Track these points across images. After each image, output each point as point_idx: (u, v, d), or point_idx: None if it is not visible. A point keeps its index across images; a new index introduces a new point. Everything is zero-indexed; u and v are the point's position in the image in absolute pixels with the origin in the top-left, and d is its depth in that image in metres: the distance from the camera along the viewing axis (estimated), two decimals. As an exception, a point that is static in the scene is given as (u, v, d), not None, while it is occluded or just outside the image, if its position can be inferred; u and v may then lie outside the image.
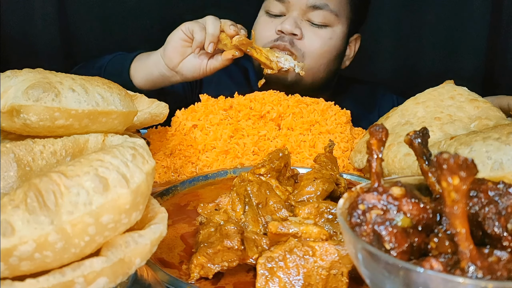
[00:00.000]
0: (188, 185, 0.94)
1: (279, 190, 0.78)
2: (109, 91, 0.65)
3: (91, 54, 1.61)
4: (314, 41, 1.40)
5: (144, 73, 1.32)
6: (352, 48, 1.59)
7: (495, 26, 2.00)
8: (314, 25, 1.40)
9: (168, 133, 1.15)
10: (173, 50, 1.26)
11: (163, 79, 1.32)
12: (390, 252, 0.43)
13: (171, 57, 1.27)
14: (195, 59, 1.27)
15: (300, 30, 1.38)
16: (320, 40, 1.41)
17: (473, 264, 0.38)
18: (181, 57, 1.27)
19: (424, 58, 2.14)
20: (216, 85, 1.60)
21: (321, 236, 0.62)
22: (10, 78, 0.61)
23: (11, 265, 0.38)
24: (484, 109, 0.98)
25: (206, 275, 0.63)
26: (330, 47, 1.43)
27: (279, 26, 1.38)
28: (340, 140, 1.12)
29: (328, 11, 1.40)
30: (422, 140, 0.56)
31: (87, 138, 0.59)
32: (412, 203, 0.45)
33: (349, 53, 1.58)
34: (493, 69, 2.06)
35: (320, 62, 1.43)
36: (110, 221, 0.43)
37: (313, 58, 1.41)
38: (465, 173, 0.36)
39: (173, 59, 1.27)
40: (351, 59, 1.61)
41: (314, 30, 1.40)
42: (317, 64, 1.43)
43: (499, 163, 0.73)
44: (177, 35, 1.25)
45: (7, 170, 0.53)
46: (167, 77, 1.31)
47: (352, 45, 1.58)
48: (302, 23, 1.40)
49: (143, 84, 1.33)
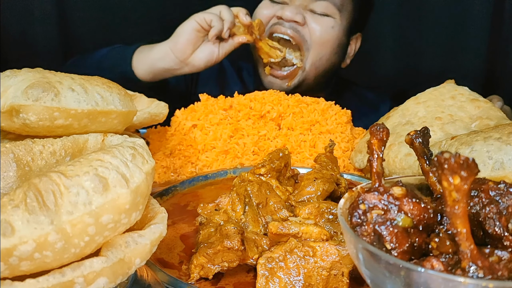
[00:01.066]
0: (188, 185, 0.94)
1: (279, 190, 0.77)
2: (108, 90, 0.65)
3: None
4: (315, 29, 1.40)
5: (147, 65, 1.32)
6: (353, 47, 1.59)
7: (496, 26, 2.00)
8: (316, 14, 1.41)
9: (168, 133, 1.15)
10: (186, 42, 1.27)
11: (167, 72, 1.32)
12: (391, 252, 0.43)
13: (184, 49, 1.27)
14: (207, 48, 1.28)
15: (302, 16, 1.38)
16: (321, 27, 1.41)
17: (474, 264, 0.38)
18: (193, 48, 1.28)
19: (425, 58, 2.14)
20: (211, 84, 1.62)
21: (321, 236, 0.62)
22: (10, 78, 0.61)
23: (11, 265, 0.38)
24: (485, 109, 0.98)
25: (206, 276, 0.63)
26: (333, 36, 1.43)
27: (279, 11, 1.38)
28: (341, 140, 1.12)
29: (330, 2, 1.41)
30: (423, 140, 0.56)
31: (87, 138, 0.59)
32: (413, 203, 0.45)
33: (350, 51, 1.59)
34: (494, 69, 2.06)
35: (322, 52, 1.43)
36: (110, 221, 0.43)
37: (314, 48, 1.41)
38: (466, 173, 0.36)
39: (186, 50, 1.27)
40: (351, 58, 1.61)
41: (317, 18, 1.41)
42: (318, 55, 1.42)
43: (500, 163, 0.73)
44: (190, 26, 1.26)
45: (6, 170, 0.53)
46: (173, 70, 1.31)
47: (353, 43, 1.59)
48: (305, 12, 1.41)
49: (146, 76, 1.33)
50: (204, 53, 1.28)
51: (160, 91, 1.47)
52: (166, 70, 1.32)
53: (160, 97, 1.07)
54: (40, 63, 0.73)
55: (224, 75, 1.66)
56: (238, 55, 1.58)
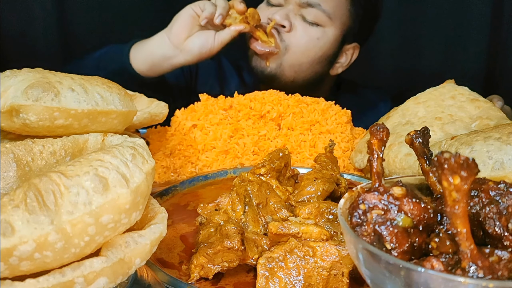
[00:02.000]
0: (188, 185, 0.94)
1: (279, 190, 0.77)
2: (108, 90, 0.65)
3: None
4: (301, 37, 1.41)
5: (144, 54, 1.33)
6: (348, 56, 1.57)
7: (496, 26, 2.00)
8: (306, 22, 1.42)
9: (168, 133, 1.15)
10: (181, 27, 1.29)
11: (164, 60, 1.32)
12: (391, 252, 0.43)
13: (178, 33, 1.29)
14: (202, 34, 1.30)
15: (290, 23, 1.39)
16: (307, 37, 1.42)
17: (474, 263, 0.38)
18: (188, 33, 1.29)
19: (425, 58, 2.14)
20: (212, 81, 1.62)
21: (321, 236, 0.62)
22: (10, 78, 0.61)
23: (11, 265, 0.38)
24: (485, 109, 0.98)
25: (206, 276, 0.63)
26: (316, 47, 1.44)
27: (271, 14, 1.40)
28: (341, 140, 1.12)
29: (320, 10, 1.41)
30: (423, 140, 0.56)
31: (87, 138, 0.59)
32: (413, 203, 0.45)
33: (344, 61, 1.57)
34: (494, 69, 2.06)
35: (302, 60, 1.44)
36: (110, 221, 0.43)
37: (295, 54, 1.42)
38: (466, 173, 0.36)
39: (180, 34, 1.29)
40: (345, 67, 1.59)
41: (305, 27, 1.41)
42: (298, 61, 1.43)
43: (500, 163, 0.73)
44: (186, 12, 1.29)
45: (6, 170, 0.53)
46: (169, 58, 1.32)
47: (349, 53, 1.57)
48: (296, 17, 1.41)
49: (143, 67, 1.34)
50: (198, 39, 1.29)
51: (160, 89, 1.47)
52: (163, 58, 1.32)
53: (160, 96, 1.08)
54: (40, 63, 0.73)
55: (224, 74, 1.67)
56: (238, 55, 1.59)
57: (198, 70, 1.64)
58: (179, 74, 1.56)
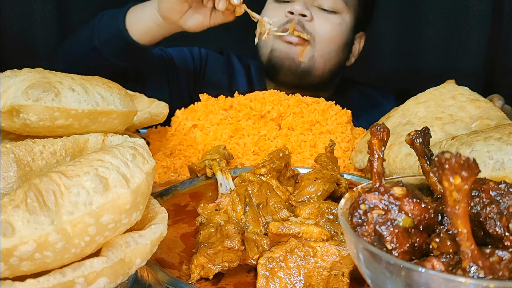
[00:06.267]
0: (188, 185, 0.94)
1: (279, 190, 0.77)
2: (109, 90, 0.65)
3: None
4: (324, 25, 1.42)
5: (142, 26, 1.27)
6: (357, 46, 1.61)
7: (496, 26, 2.00)
8: (324, 10, 1.43)
9: (168, 133, 1.15)
10: (169, 10, 1.19)
11: (162, 29, 1.26)
12: (392, 252, 0.43)
13: (169, 16, 1.20)
14: (197, 16, 1.20)
15: (309, 12, 1.40)
16: (330, 24, 1.43)
17: (474, 264, 0.38)
18: (179, 14, 1.19)
19: (425, 58, 2.14)
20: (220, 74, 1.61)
21: (322, 237, 0.62)
22: (10, 78, 0.61)
23: (11, 265, 0.38)
24: (485, 109, 0.98)
25: (207, 276, 0.63)
26: (340, 32, 1.45)
27: (289, 7, 1.40)
28: (341, 140, 1.12)
29: None
30: (424, 140, 0.56)
31: (87, 138, 0.59)
32: (413, 203, 0.45)
33: (354, 50, 1.60)
34: (494, 69, 2.06)
35: (330, 47, 1.45)
36: (110, 221, 0.43)
37: (323, 43, 1.43)
38: (466, 173, 0.36)
39: (172, 17, 1.20)
40: (356, 57, 1.62)
41: (324, 15, 1.42)
42: (327, 49, 1.44)
43: (500, 163, 0.73)
44: None
45: (7, 171, 0.53)
46: (167, 29, 1.26)
47: (357, 42, 1.60)
48: (312, 8, 1.42)
49: (142, 37, 1.28)
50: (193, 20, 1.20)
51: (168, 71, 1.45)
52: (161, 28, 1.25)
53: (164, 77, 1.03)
54: (41, 63, 0.73)
55: (232, 69, 1.66)
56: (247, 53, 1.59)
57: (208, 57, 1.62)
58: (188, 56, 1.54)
